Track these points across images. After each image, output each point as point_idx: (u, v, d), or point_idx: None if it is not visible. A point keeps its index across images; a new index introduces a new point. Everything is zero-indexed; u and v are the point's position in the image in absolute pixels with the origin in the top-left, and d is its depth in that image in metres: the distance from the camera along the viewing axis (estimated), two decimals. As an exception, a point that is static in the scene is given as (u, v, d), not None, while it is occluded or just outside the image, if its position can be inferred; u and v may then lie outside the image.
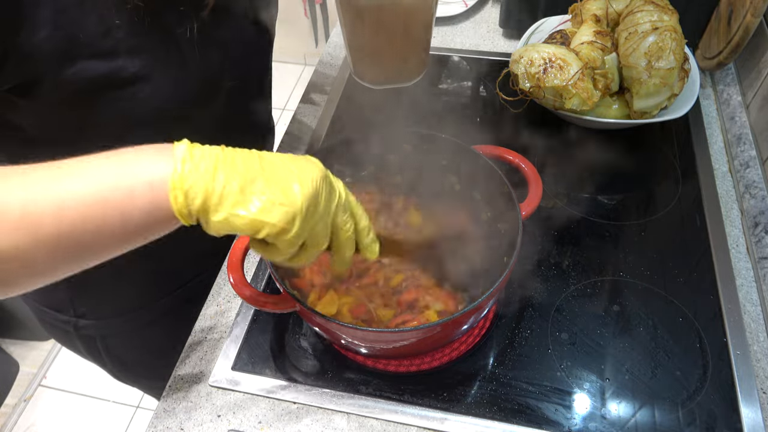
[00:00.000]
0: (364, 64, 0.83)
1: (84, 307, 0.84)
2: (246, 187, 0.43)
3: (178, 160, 0.42)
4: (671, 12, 0.85)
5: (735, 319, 0.72)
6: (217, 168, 0.43)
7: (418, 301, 0.73)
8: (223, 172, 0.43)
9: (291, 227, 0.44)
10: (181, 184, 0.42)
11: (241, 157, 0.45)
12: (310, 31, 2.83)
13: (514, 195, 0.68)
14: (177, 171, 0.42)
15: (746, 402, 0.65)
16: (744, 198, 0.86)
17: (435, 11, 0.80)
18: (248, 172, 0.44)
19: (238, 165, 0.44)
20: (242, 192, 0.43)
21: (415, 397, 0.68)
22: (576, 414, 0.66)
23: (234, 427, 0.67)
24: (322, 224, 0.48)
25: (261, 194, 0.44)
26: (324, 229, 0.48)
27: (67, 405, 1.85)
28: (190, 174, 0.42)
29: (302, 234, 0.46)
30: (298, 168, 0.46)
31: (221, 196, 0.43)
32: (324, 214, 0.47)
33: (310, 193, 0.45)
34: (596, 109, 0.90)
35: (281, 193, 0.44)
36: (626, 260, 0.80)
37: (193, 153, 0.43)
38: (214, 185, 0.43)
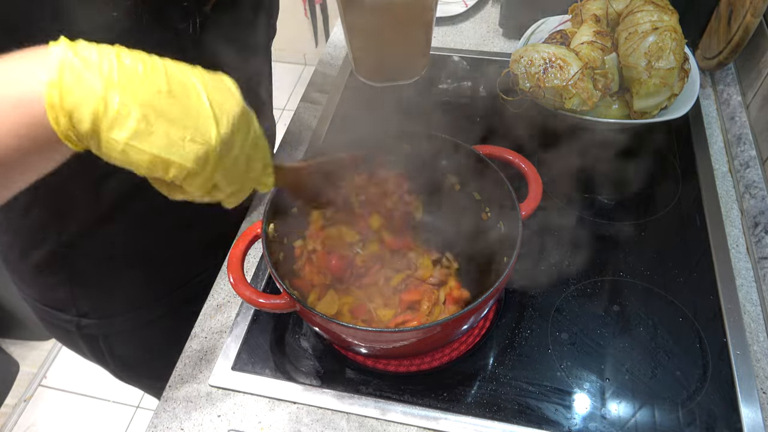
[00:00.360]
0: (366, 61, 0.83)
1: (86, 306, 0.84)
2: (150, 113, 0.35)
3: (54, 67, 0.34)
4: (671, 12, 0.85)
5: (735, 319, 0.72)
6: (110, 81, 0.34)
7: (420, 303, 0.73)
8: (119, 89, 0.35)
9: (202, 169, 0.38)
10: (61, 101, 0.34)
11: (143, 69, 0.36)
12: (310, 31, 2.83)
13: (514, 195, 0.68)
14: (55, 83, 0.34)
15: (746, 402, 0.65)
16: (744, 198, 0.86)
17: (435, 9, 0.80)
18: (154, 94, 0.36)
19: (140, 82, 0.36)
20: (145, 119, 0.35)
21: (415, 397, 0.68)
22: (576, 414, 0.66)
23: (234, 427, 0.67)
24: (234, 165, 0.41)
25: (169, 126, 0.36)
26: (237, 170, 0.42)
27: (67, 405, 1.85)
28: (74, 87, 0.34)
29: (214, 177, 0.40)
30: (215, 96, 0.39)
31: (115, 120, 0.35)
32: (240, 152, 0.41)
33: (226, 130, 0.38)
34: (596, 109, 0.90)
35: (194, 127, 0.37)
36: (626, 260, 0.80)
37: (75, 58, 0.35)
38: (107, 104, 0.34)
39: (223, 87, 0.41)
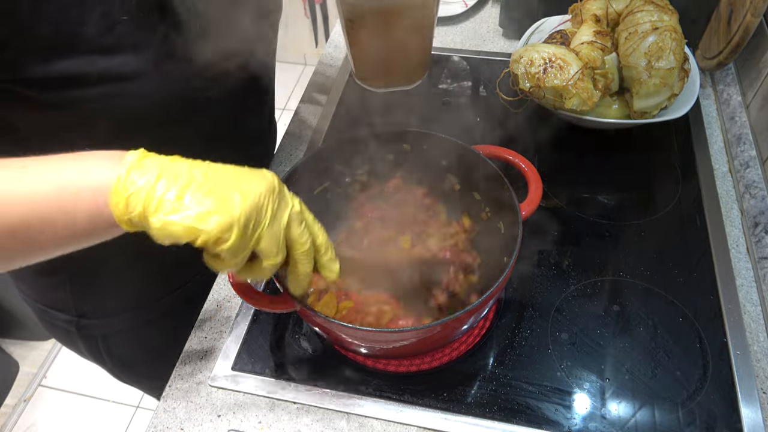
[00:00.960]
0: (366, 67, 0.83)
1: (85, 306, 0.83)
2: (184, 194, 0.44)
3: (124, 168, 0.44)
4: (671, 12, 0.85)
5: (735, 319, 0.72)
6: (159, 177, 0.44)
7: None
8: (164, 180, 0.44)
9: (228, 236, 0.44)
10: (123, 191, 0.43)
11: (187, 166, 0.45)
12: (310, 31, 2.83)
13: (514, 195, 0.68)
14: (121, 179, 0.43)
15: (746, 402, 0.65)
16: (744, 198, 0.86)
17: (436, 15, 0.80)
18: (190, 181, 0.44)
19: (181, 174, 0.45)
20: (179, 199, 0.44)
21: (415, 397, 0.68)
22: (576, 414, 0.66)
23: (234, 427, 0.67)
24: (269, 236, 0.47)
25: (198, 202, 0.44)
26: (273, 241, 0.48)
27: (67, 405, 1.85)
28: (133, 182, 0.43)
29: (242, 244, 0.46)
30: (244, 179, 0.47)
31: (158, 204, 0.43)
32: (271, 226, 0.47)
33: (250, 203, 0.45)
34: (596, 109, 0.90)
35: (219, 201, 0.44)
36: (626, 260, 0.80)
37: (142, 162, 0.44)
38: (154, 193, 0.43)
39: (257, 174, 0.48)
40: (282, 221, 0.48)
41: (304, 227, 0.51)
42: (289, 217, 0.49)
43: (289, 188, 0.73)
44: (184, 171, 0.45)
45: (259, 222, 0.46)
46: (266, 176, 0.48)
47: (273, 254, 0.49)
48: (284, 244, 0.50)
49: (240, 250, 0.46)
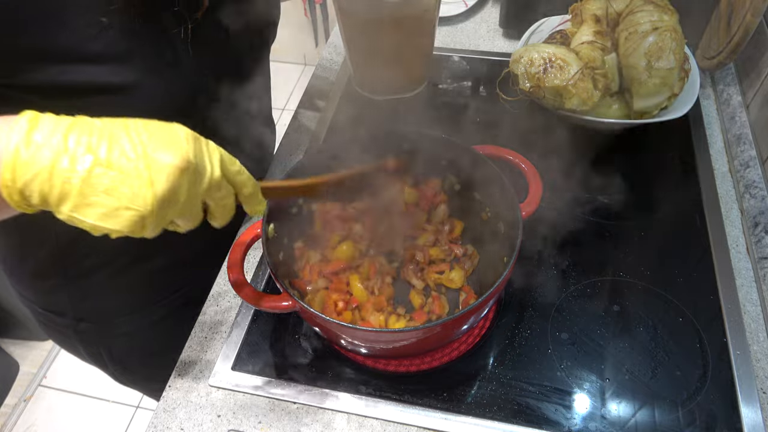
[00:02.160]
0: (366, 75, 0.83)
1: (83, 310, 0.83)
2: (88, 185, 0.39)
3: (12, 145, 0.38)
4: (671, 12, 0.85)
5: (735, 319, 0.72)
6: (58, 158, 0.38)
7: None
8: (65, 164, 0.38)
9: (141, 229, 0.42)
10: (13, 180, 0.38)
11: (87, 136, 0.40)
12: (310, 31, 2.83)
13: (514, 195, 0.68)
14: (9, 164, 0.38)
15: (746, 402, 0.65)
16: (744, 198, 0.86)
17: (436, 24, 0.80)
18: (94, 164, 0.39)
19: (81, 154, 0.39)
20: (82, 194, 0.39)
21: (415, 397, 0.68)
22: (576, 414, 0.66)
23: (234, 427, 0.67)
24: (188, 208, 0.44)
25: (105, 195, 0.40)
26: (189, 213, 0.45)
27: (67, 405, 1.85)
28: (25, 166, 0.38)
29: (159, 226, 0.43)
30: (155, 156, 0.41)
31: (60, 196, 0.39)
32: (189, 200, 0.44)
33: (163, 191, 0.41)
34: (596, 109, 0.90)
35: (129, 194, 0.40)
36: (626, 260, 0.80)
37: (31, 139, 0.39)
38: (52, 182, 0.39)
39: (167, 142, 0.42)
40: (199, 194, 0.45)
41: (225, 188, 0.47)
42: (208, 185, 0.45)
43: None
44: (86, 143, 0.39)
45: (174, 203, 0.43)
46: (179, 142, 0.42)
47: (190, 223, 0.46)
48: (201, 209, 0.47)
49: (157, 230, 0.43)
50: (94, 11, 0.54)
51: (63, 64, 0.55)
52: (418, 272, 0.76)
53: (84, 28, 0.54)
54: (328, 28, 2.77)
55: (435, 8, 0.75)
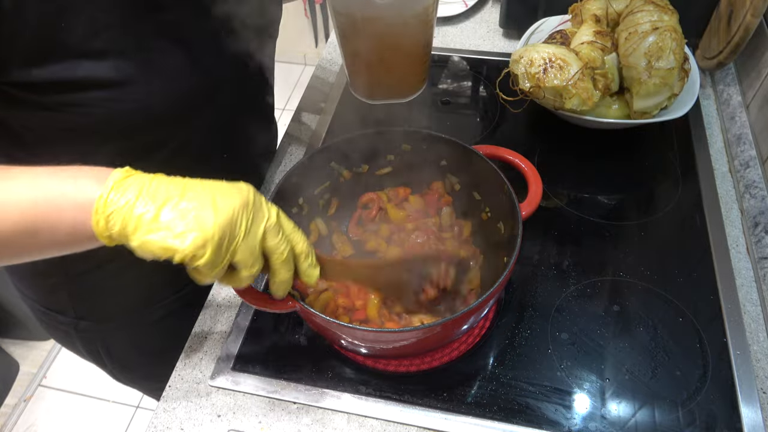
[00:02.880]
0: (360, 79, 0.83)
1: (84, 309, 0.83)
2: (161, 214, 0.46)
3: (108, 186, 0.45)
4: (671, 12, 0.85)
5: (735, 319, 0.72)
6: (138, 196, 0.46)
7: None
8: (144, 200, 0.46)
9: (202, 252, 0.46)
10: (104, 210, 0.45)
11: (165, 184, 0.47)
12: (310, 31, 2.83)
13: (514, 195, 0.68)
14: (103, 197, 0.45)
15: (746, 402, 0.65)
16: (744, 198, 0.86)
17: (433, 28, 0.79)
18: (167, 200, 0.46)
19: (159, 192, 0.46)
20: (156, 219, 0.45)
21: (415, 397, 0.68)
22: (576, 414, 0.66)
23: (234, 427, 0.67)
24: (244, 249, 0.49)
25: (173, 222, 0.45)
26: (249, 253, 0.49)
27: (67, 405, 1.85)
28: (114, 201, 0.45)
29: (218, 259, 0.47)
30: (219, 195, 0.48)
31: (137, 223, 0.45)
32: (247, 238, 0.49)
33: (224, 220, 0.46)
34: (596, 109, 0.90)
35: (194, 219, 0.46)
36: (626, 260, 0.80)
37: (124, 181, 0.46)
38: (133, 213, 0.45)
39: (232, 188, 0.49)
40: (257, 234, 0.50)
41: (281, 237, 0.52)
42: (264, 228, 0.50)
43: (288, 188, 0.73)
44: (162, 190, 0.47)
45: (234, 237, 0.48)
46: (241, 190, 0.49)
47: (249, 265, 0.50)
48: (261, 254, 0.51)
49: (216, 264, 0.47)
50: (101, 7, 0.55)
51: (65, 61, 0.55)
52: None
53: (86, 25, 0.55)
54: (328, 28, 2.76)
55: (433, 10, 0.75)
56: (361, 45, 0.77)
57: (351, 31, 0.76)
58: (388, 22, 0.72)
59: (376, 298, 0.70)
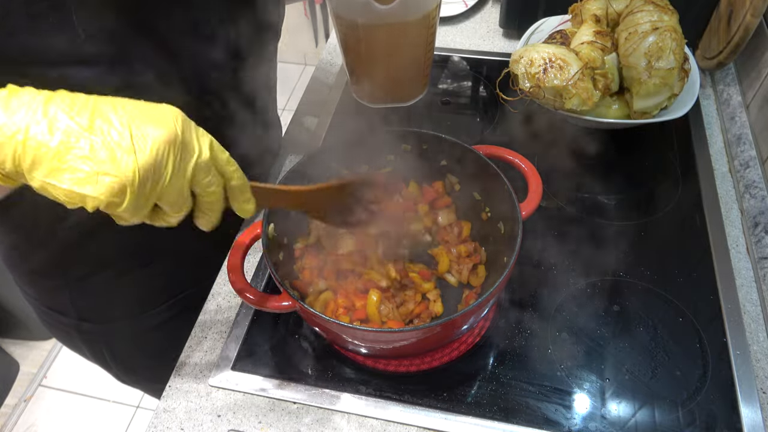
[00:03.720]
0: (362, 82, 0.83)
1: (86, 310, 0.83)
2: (64, 151, 0.37)
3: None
4: (671, 12, 0.85)
5: (735, 319, 0.72)
6: (30, 124, 0.37)
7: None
8: (40, 130, 0.37)
9: (121, 200, 0.39)
10: None
11: (68, 106, 0.38)
12: (310, 31, 2.83)
13: (514, 195, 0.68)
14: None
15: (746, 402, 0.65)
16: (744, 198, 0.86)
17: (435, 33, 0.79)
18: (72, 131, 0.37)
19: (60, 120, 0.38)
20: (59, 157, 0.37)
21: (415, 397, 0.68)
22: (576, 414, 0.66)
23: (234, 427, 0.67)
24: (172, 190, 0.42)
25: (82, 162, 0.37)
26: (176, 196, 0.43)
27: (67, 405, 1.85)
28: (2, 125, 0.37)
29: (139, 204, 0.41)
30: (140, 126, 0.40)
31: (33, 161, 0.37)
32: (174, 179, 0.42)
33: (146, 161, 0.39)
34: (596, 109, 0.90)
35: (109, 160, 0.38)
36: (626, 260, 0.80)
37: (9, 104, 0.37)
38: (26, 147, 0.37)
39: (157, 115, 0.41)
40: (186, 172, 0.43)
41: (213, 175, 0.45)
42: (194, 166, 0.43)
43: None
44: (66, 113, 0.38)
45: (158, 179, 0.41)
46: (167, 120, 0.41)
47: (176, 209, 0.44)
48: (189, 194, 0.45)
49: (137, 210, 0.41)
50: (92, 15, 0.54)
51: (57, 67, 0.54)
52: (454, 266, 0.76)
53: (78, 30, 0.54)
54: (328, 28, 2.76)
55: (435, 15, 0.75)
56: (363, 50, 0.77)
57: (353, 37, 0.76)
58: (391, 27, 0.72)
59: (376, 297, 0.70)
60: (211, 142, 0.45)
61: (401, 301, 0.72)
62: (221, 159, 0.46)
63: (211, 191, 0.45)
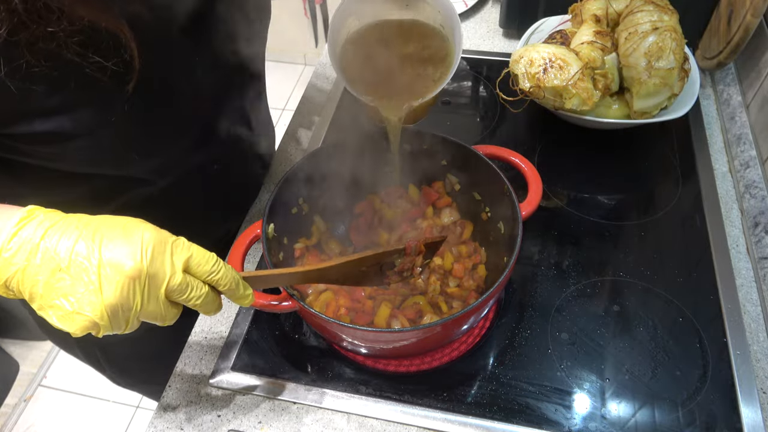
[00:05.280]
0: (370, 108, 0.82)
1: None
2: (50, 288, 0.43)
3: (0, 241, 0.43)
4: (671, 12, 0.85)
5: (735, 319, 0.72)
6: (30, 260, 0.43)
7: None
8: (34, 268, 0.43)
9: (96, 331, 0.45)
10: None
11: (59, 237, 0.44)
12: (310, 31, 2.83)
13: (514, 195, 0.68)
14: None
15: (746, 402, 0.65)
16: (744, 198, 0.86)
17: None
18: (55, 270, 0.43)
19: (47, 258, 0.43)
20: (46, 295, 0.44)
21: (415, 397, 0.68)
22: (576, 414, 0.66)
23: (234, 427, 0.67)
24: (148, 313, 0.46)
25: (63, 299, 0.43)
26: (156, 313, 0.47)
27: (67, 405, 1.85)
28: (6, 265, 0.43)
29: (120, 327, 0.46)
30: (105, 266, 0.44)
31: (31, 296, 0.44)
32: (147, 305, 0.46)
33: (111, 301, 0.44)
34: (596, 109, 0.90)
35: (82, 299, 0.43)
36: (626, 260, 0.80)
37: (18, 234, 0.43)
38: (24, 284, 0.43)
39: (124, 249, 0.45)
40: (159, 297, 0.46)
41: (191, 290, 0.48)
42: (166, 290, 0.46)
43: (288, 188, 0.73)
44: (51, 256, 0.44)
45: (129, 308, 0.45)
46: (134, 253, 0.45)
47: (160, 321, 0.48)
48: (171, 306, 0.48)
49: (121, 329, 0.46)
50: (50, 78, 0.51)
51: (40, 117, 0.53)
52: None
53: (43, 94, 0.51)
54: (328, 28, 2.76)
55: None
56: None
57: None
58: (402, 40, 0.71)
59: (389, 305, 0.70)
60: (189, 258, 0.48)
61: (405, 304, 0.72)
62: (202, 272, 0.49)
63: (193, 303, 0.49)
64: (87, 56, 0.50)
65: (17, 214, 0.44)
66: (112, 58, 0.52)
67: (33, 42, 0.47)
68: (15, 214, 0.44)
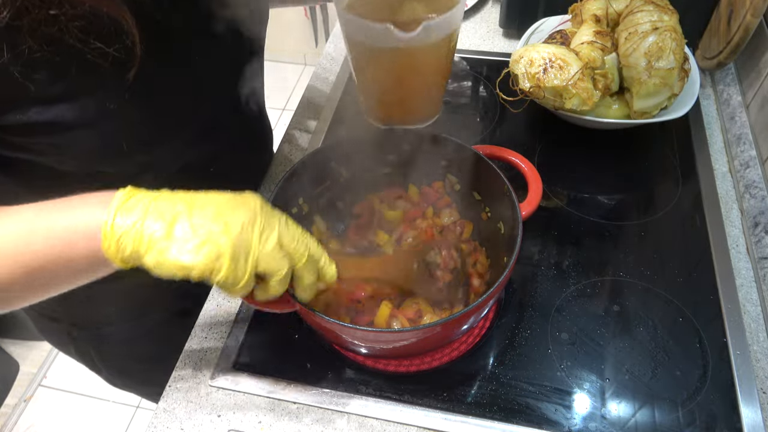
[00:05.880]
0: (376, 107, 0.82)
1: (76, 316, 0.83)
2: (171, 232, 0.46)
3: (112, 210, 0.46)
4: (671, 12, 0.85)
5: (735, 319, 0.72)
6: (146, 215, 0.46)
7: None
8: (151, 219, 0.46)
9: (219, 266, 0.46)
10: (112, 235, 0.45)
11: (171, 200, 0.47)
12: (310, 31, 2.83)
13: (514, 195, 0.68)
14: (108, 223, 0.45)
15: (746, 402, 0.65)
16: (744, 198, 0.86)
17: (453, 54, 0.78)
18: (175, 217, 0.46)
19: (166, 210, 0.46)
20: (167, 237, 0.46)
21: (415, 397, 0.68)
22: (576, 414, 0.66)
23: (234, 427, 0.67)
24: (265, 256, 0.49)
25: (185, 238, 0.46)
26: (272, 258, 0.50)
27: (67, 405, 1.85)
28: (121, 224, 0.45)
29: (239, 271, 0.47)
30: (228, 209, 0.48)
31: (149, 244, 0.46)
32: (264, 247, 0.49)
33: (235, 233, 0.47)
34: (596, 109, 0.90)
35: (205, 235, 0.46)
36: (626, 260, 0.80)
37: (127, 203, 0.46)
38: (142, 233, 0.45)
39: (239, 201, 0.49)
40: (273, 240, 0.50)
41: (297, 241, 0.52)
42: (278, 235, 0.50)
43: (288, 188, 0.73)
44: (169, 207, 0.47)
45: (249, 248, 0.48)
46: (248, 203, 0.49)
47: (276, 271, 0.50)
48: (284, 259, 0.51)
49: (238, 277, 0.48)
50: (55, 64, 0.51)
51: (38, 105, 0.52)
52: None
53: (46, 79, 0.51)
54: (328, 28, 2.77)
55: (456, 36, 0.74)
56: (379, 74, 0.76)
57: (367, 61, 0.75)
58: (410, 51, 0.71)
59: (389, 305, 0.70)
60: (287, 217, 0.53)
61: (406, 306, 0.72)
62: (297, 231, 0.53)
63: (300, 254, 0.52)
64: (88, 42, 0.51)
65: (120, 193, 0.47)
66: (113, 44, 0.52)
67: (35, 27, 0.47)
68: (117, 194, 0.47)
